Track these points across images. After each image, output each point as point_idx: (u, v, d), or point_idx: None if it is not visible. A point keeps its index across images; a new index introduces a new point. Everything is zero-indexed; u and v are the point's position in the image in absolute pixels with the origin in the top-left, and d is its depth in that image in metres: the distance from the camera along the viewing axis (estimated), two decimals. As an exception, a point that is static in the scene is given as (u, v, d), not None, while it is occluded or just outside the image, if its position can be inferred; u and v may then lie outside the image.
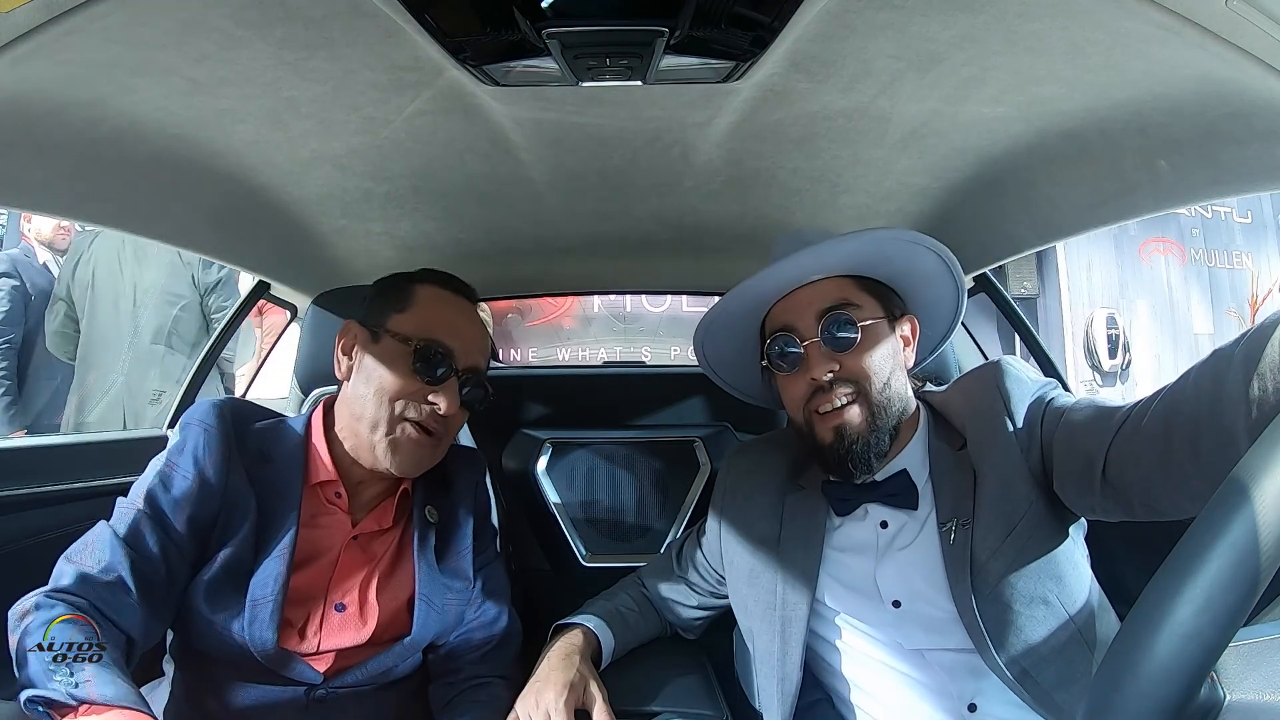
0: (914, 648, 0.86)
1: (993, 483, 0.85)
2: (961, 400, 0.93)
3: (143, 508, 0.83)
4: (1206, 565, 0.37)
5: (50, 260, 2.87)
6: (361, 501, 0.95)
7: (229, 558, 0.85)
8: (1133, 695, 0.37)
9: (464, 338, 0.94)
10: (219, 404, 0.91)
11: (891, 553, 0.89)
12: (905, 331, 0.94)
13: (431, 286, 0.97)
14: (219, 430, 0.88)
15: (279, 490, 0.90)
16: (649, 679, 1.00)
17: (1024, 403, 0.86)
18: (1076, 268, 6.11)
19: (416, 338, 0.91)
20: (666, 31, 0.70)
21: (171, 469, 0.86)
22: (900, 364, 0.92)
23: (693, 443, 1.72)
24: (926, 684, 0.85)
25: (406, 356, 0.90)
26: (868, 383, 0.88)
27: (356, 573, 0.92)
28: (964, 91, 0.84)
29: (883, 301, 0.92)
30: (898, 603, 0.87)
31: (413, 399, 0.90)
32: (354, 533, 0.93)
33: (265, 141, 0.95)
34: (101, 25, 0.65)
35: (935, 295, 0.97)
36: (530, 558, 1.74)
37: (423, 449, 0.92)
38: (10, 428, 2.63)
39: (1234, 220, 6.49)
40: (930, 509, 0.89)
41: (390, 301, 0.95)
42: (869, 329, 0.89)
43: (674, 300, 5.82)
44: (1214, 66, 0.67)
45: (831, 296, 0.90)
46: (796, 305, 0.91)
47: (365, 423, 0.90)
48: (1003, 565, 0.81)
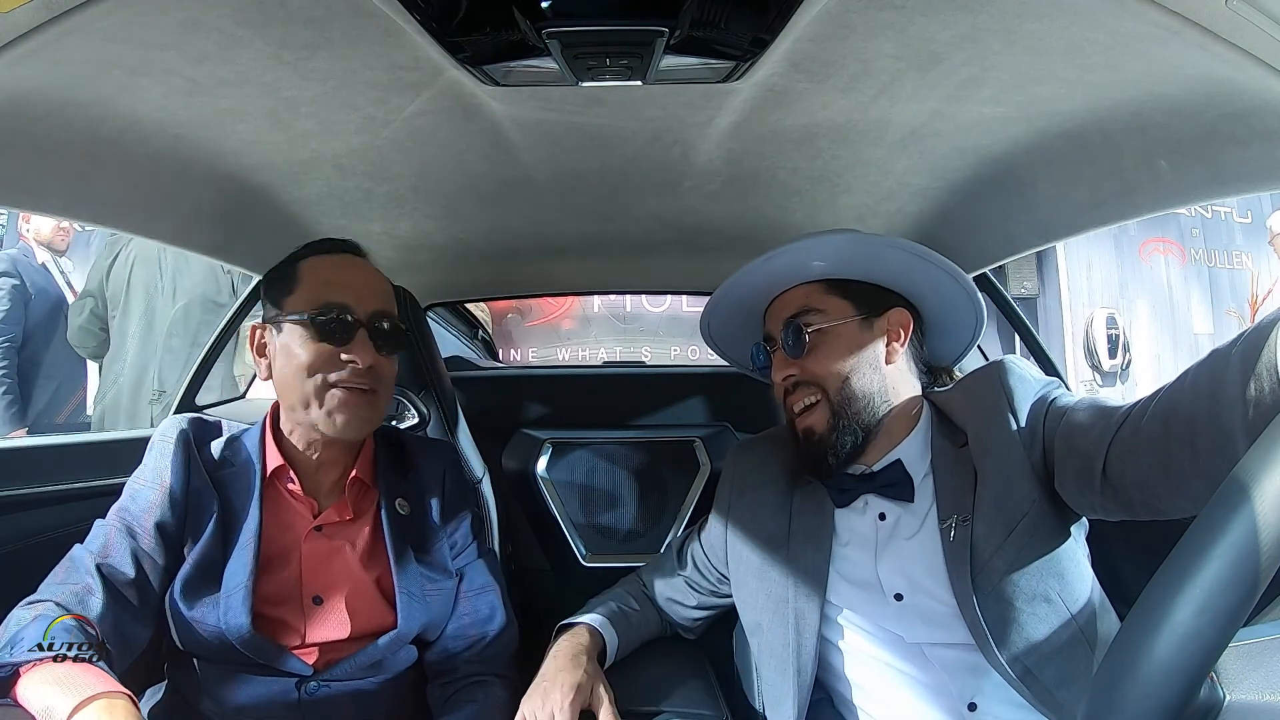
0: (915, 642, 0.86)
1: (995, 480, 0.85)
2: (964, 398, 0.94)
3: (114, 522, 0.88)
4: (1206, 565, 0.37)
5: (49, 260, 2.87)
6: (321, 491, 0.97)
7: (200, 556, 0.88)
8: (1132, 695, 0.37)
9: (354, 289, 0.94)
10: (180, 419, 0.97)
11: (892, 545, 0.90)
12: (889, 324, 0.95)
13: (310, 258, 0.97)
14: (177, 441, 0.93)
15: (239, 487, 0.93)
16: (649, 679, 1.00)
17: (1027, 401, 0.87)
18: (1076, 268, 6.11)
19: (309, 310, 0.91)
20: (666, 31, 0.70)
21: (139, 484, 0.92)
22: (873, 361, 0.93)
23: (693, 443, 1.72)
24: (926, 683, 0.85)
25: (307, 330, 0.91)
26: (824, 383, 0.93)
27: (328, 565, 0.93)
28: (964, 91, 0.84)
29: (857, 301, 0.94)
30: (900, 595, 0.88)
31: (329, 365, 0.90)
32: (316, 523, 0.94)
33: (265, 141, 0.95)
34: (101, 25, 0.65)
35: (939, 288, 0.96)
36: (530, 558, 1.74)
37: (360, 407, 0.92)
38: (10, 427, 2.63)
39: (1234, 220, 6.49)
40: (930, 504, 0.89)
41: (279, 289, 0.95)
42: (823, 333, 0.93)
43: (674, 300, 5.82)
44: (1214, 66, 0.67)
45: (795, 304, 0.96)
46: (773, 312, 0.99)
47: (299, 405, 0.91)
48: (1005, 563, 0.82)
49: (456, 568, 1.01)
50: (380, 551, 0.96)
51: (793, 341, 0.93)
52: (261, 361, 0.96)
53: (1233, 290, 6.35)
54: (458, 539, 1.03)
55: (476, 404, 1.77)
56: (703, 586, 1.08)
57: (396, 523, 0.97)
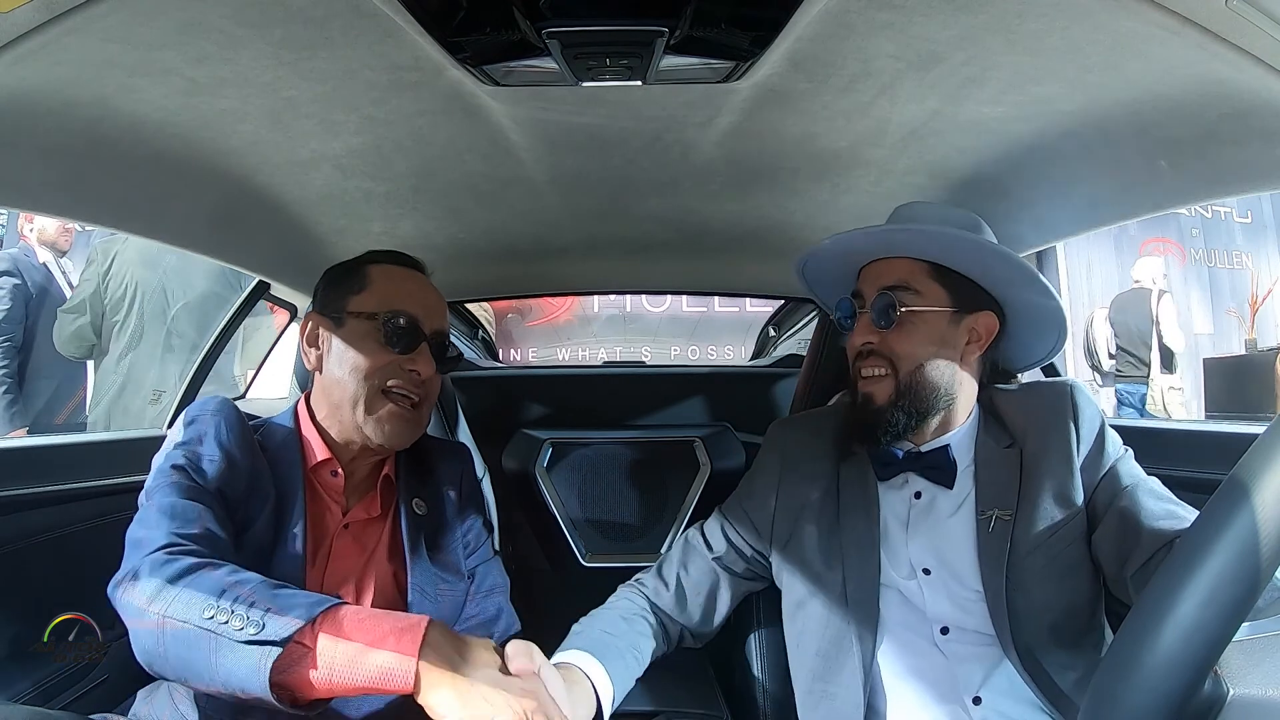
0: (936, 618, 0.88)
1: (1045, 486, 0.88)
2: (1027, 404, 0.95)
3: (172, 498, 0.79)
4: (1211, 558, 0.37)
5: (51, 260, 2.87)
6: (352, 485, 0.97)
7: (253, 538, 0.85)
8: (1137, 688, 0.37)
9: (425, 304, 0.96)
10: (217, 398, 0.93)
11: (926, 523, 0.92)
12: (976, 326, 0.94)
13: (382, 264, 0.99)
14: (236, 417, 0.90)
15: (286, 473, 0.91)
16: (649, 679, 1.00)
17: (1093, 430, 0.90)
18: (1076, 268, 6.11)
19: (381, 312, 0.92)
20: (666, 31, 0.70)
21: (196, 456, 0.85)
22: (951, 355, 0.93)
23: (693, 443, 1.72)
24: (934, 674, 0.86)
25: (375, 332, 0.92)
26: (898, 361, 0.92)
27: (350, 563, 0.93)
28: (964, 91, 0.84)
29: (954, 293, 0.93)
30: (927, 570, 0.90)
31: (391, 371, 0.92)
32: (344, 521, 0.94)
33: (265, 141, 0.95)
34: (101, 25, 0.65)
35: (1031, 305, 0.95)
36: (530, 558, 1.74)
37: (409, 420, 0.93)
38: (10, 426, 2.63)
39: (1234, 220, 6.50)
40: (968, 492, 0.92)
41: (345, 285, 0.96)
42: (914, 315, 0.92)
43: (674, 300, 5.82)
44: (1214, 66, 0.67)
45: (895, 276, 0.93)
46: (872, 274, 0.96)
47: (348, 404, 0.91)
48: (1039, 564, 0.85)
49: (468, 568, 1.02)
50: (396, 550, 0.96)
51: (883, 311, 0.92)
52: (311, 352, 0.96)
53: (1233, 290, 6.36)
54: (470, 539, 1.04)
55: (476, 404, 1.78)
56: (737, 567, 1.03)
57: (413, 522, 0.97)
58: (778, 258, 1.38)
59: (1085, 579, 0.86)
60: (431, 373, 0.94)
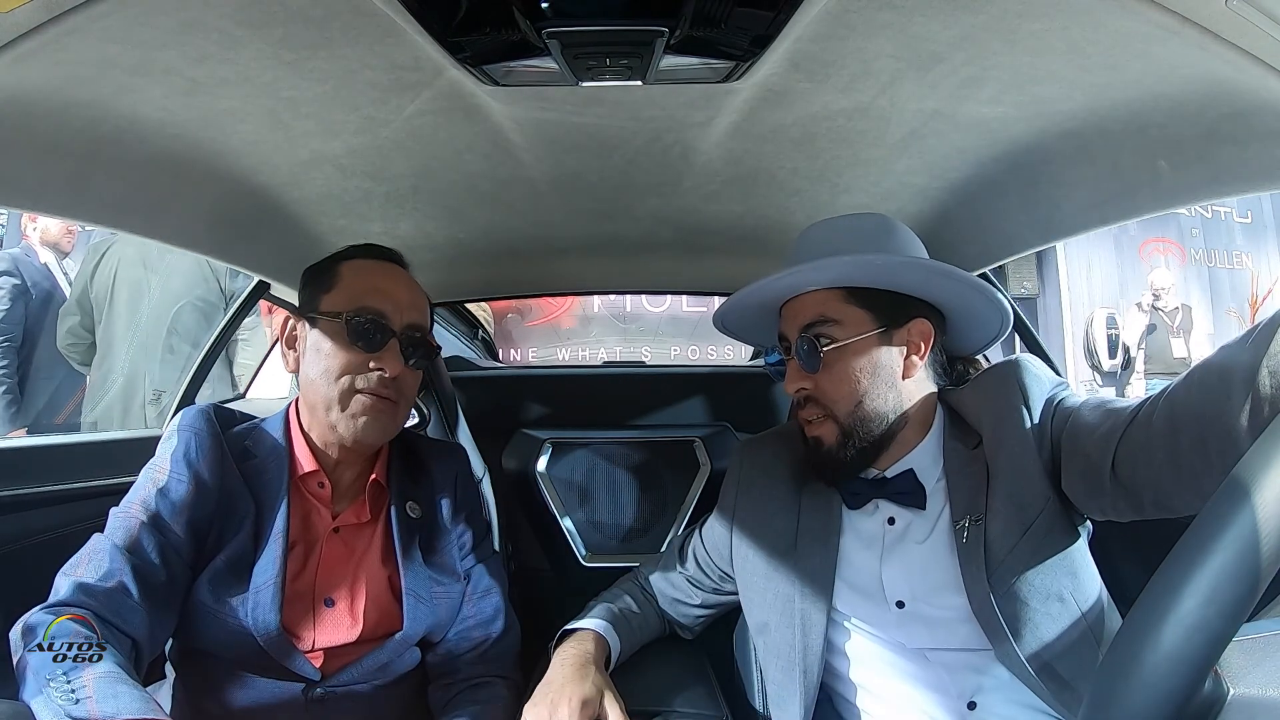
0: (917, 647, 0.86)
1: (1009, 478, 0.85)
2: (978, 397, 0.92)
3: (139, 514, 0.84)
4: (1212, 556, 0.37)
5: (52, 261, 2.87)
6: (340, 491, 0.96)
7: (233, 552, 0.86)
8: (1137, 687, 0.37)
9: (394, 299, 0.95)
10: (205, 409, 0.94)
11: (898, 550, 0.90)
12: (910, 336, 0.92)
13: (354, 260, 0.98)
14: (209, 433, 0.91)
15: (267, 482, 0.91)
16: (649, 679, 1.00)
17: (1041, 399, 0.86)
18: (1076, 268, 6.11)
19: (345, 311, 0.92)
20: (666, 31, 0.70)
21: (165, 475, 0.88)
22: (889, 377, 0.90)
23: (693, 443, 1.72)
24: (927, 682, 0.85)
25: (341, 331, 0.91)
26: (835, 405, 0.90)
27: (342, 568, 0.92)
28: (964, 91, 0.84)
29: (877, 311, 0.90)
30: (901, 603, 0.87)
31: (357, 371, 0.91)
32: (334, 525, 0.94)
33: (265, 141, 0.95)
34: (101, 25, 0.65)
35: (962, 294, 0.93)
36: (530, 558, 1.74)
37: (382, 415, 0.92)
38: (10, 426, 2.63)
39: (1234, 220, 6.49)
40: (943, 507, 0.89)
41: (318, 284, 0.96)
42: (840, 351, 0.89)
43: (674, 300, 5.82)
44: (1214, 66, 0.67)
45: (813, 311, 0.91)
46: (790, 313, 0.94)
47: (321, 406, 0.92)
48: (1020, 561, 0.82)
49: (464, 569, 1.01)
50: (390, 554, 0.96)
51: (807, 354, 0.90)
52: (290, 354, 0.97)
53: (1233, 290, 6.36)
54: (466, 541, 1.03)
55: (476, 404, 1.78)
56: (704, 585, 1.08)
57: (406, 525, 0.97)
58: (778, 258, 1.38)
59: (1071, 570, 0.82)
60: (399, 370, 0.92)
